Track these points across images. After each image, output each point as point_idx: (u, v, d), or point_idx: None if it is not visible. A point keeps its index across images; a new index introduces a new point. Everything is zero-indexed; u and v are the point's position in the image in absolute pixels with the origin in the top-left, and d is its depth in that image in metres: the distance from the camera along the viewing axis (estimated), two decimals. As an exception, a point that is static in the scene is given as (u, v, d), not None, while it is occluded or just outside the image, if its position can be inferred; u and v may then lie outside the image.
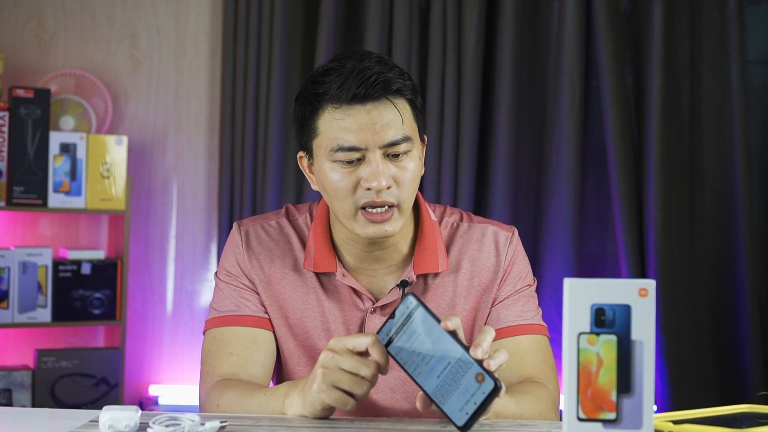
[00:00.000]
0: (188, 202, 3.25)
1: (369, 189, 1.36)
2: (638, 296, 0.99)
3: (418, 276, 1.47)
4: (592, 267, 3.14)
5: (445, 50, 3.06)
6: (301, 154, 1.46)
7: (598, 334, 0.99)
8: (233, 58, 3.16)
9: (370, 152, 1.36)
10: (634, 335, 0.99)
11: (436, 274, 1.48)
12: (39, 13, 3.17)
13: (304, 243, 1.50)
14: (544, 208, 3.10)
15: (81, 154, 2.95)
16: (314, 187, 1.45)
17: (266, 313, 1.49)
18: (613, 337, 0.99)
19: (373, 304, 1.46)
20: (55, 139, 2.92)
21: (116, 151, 2.99)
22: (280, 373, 1.54)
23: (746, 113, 2.99)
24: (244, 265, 1.50)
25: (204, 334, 1.51)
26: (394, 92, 1.37)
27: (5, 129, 2.87)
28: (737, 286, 3.00)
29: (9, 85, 3.02)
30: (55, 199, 2.92)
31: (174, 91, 3.25)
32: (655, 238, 2.97)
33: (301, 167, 1.48)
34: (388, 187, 1.36)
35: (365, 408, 1.48)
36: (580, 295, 1.00)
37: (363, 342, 1.18)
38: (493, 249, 1.50)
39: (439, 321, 1.14)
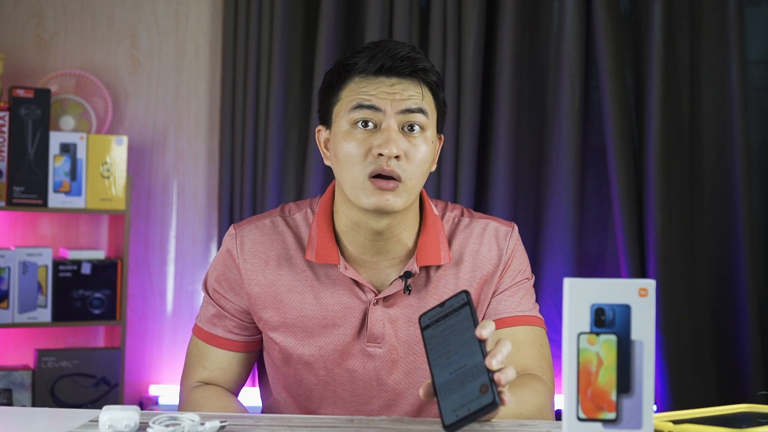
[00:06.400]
0: (188, 202, 3.25)
1: (380, 155, 1.38)
2: (638, 296, 0.99)
3: (420, 268, 1.48)
4: (592, 267, 3.14)
5: (445, 50, 3.06)
6: (319, 127, 1.51)
7: (598, 334, 0.99)
8: (233, 58, 3.16)
9: (386, 118, 1.40)
10: (634, 335, 0.99)
11: (438, 267, 1.49)
12: (39, 13, 3.17)
13: (298, 239, 1.51)
14: (544, 208, 3.10)
15: (81, 154, 2.95)
16: (327, 162, 1.48)
17: (245, 329, 1.55)
18: (613, 337, 0.99)
19: (376, 295, 1.47)
20: (55, 139, 2.92)
21: (116, 151, 2.99)
22: (275, 369, 1.56)
23: (746, 113, 2.99)
24: (234, 275, 1.52)
25: (192, 331, 1.59)
26: (420, 74, 1.42)
27: (5, 129, 2.87)
28: (737, 286, 3.00)
29: (9, 85, 3.02)
30: (55, 199, 2.92)
31: (174, 91, 3.24)
32: (655, 238, 2.97)
33: (317, 142, 1.51)
34: (397, 157, 1.38)
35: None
36: (580, 295, 1.00)
37: None
38: (494, 243, 1.52)
39: (476, 324, 1.16)
